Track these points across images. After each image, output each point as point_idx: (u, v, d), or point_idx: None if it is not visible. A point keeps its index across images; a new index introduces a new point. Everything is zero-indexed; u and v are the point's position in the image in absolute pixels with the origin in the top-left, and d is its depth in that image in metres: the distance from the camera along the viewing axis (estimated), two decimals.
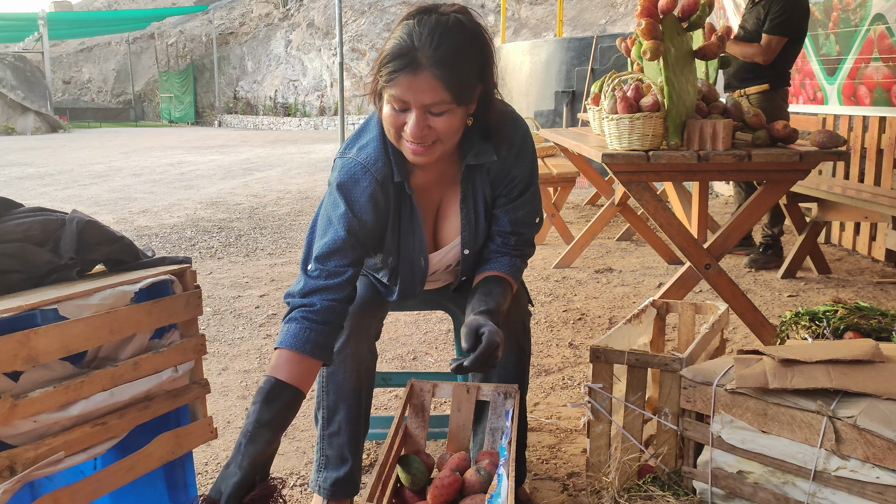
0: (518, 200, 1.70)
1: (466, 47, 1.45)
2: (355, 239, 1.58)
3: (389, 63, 1.43)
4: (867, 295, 3.71)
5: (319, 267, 1.57)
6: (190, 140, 17.47)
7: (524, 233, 1.73)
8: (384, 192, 1.60)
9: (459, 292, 1.89)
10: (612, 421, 1.92)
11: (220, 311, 3.63)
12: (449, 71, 1.41)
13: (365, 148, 1.60)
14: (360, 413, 1.75)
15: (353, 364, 1.71)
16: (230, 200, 7.42)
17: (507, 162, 1.66)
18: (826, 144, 2.66)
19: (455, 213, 1.71)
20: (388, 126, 1.51)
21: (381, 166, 1.58)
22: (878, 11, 4.26)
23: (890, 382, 1.55)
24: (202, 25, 27.51)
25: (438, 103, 1.44)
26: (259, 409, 1.43)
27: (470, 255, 1.74)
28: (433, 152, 1.51)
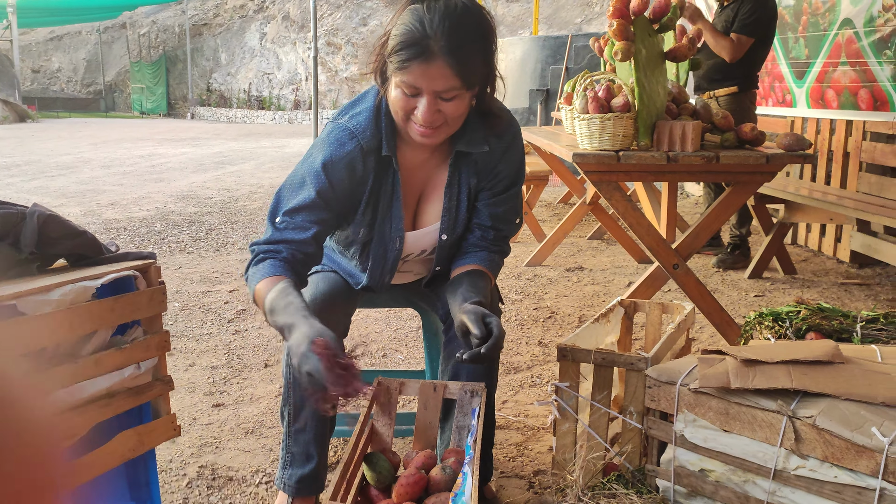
0: (501, 196, 1.73)
1: (474, 34, 1.50)
2: (324, 201, 1.60)
3: (402, 51, 1.46)
4: (832, 295, 3.77)
5: (287, 220, 1.59)
6: (161, 132, 17.25)
7: (503, 229, 1.76)
8: (366, 162, 1.61)
9: (431, 287, 1.88)
10: (578, 419, 1.94)
11: (188, 307, 3.59)
12: (460, 58, 1.45)
13: (357, 116, 1.62)
14: None
15: None
16: (201, 194, 7.34)
17: (496, 156, 1.69)
18: (792, 147, 2.70)
19: (438, 197, 1.72)
20: (396, 108, 1.54)
21: (369, 136, 1.60)
22: (847, 16, 4.33)
23: (849, 383, 1.58)
24: (175, 16, 27.14)
25: (450, 90, 1.48)
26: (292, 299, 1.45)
27: (447, 241, 1.74)
28: (440, 134, 1.55)
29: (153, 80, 27.11)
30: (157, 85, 27.02)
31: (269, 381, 2.71)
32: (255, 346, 3.06)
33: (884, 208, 3.52)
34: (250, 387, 2.66)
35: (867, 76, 4.17)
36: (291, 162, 10.60)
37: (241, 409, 2.48)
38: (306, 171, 1.62)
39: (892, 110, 4.00)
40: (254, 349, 3.03)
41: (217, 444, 2.24)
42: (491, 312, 1.52)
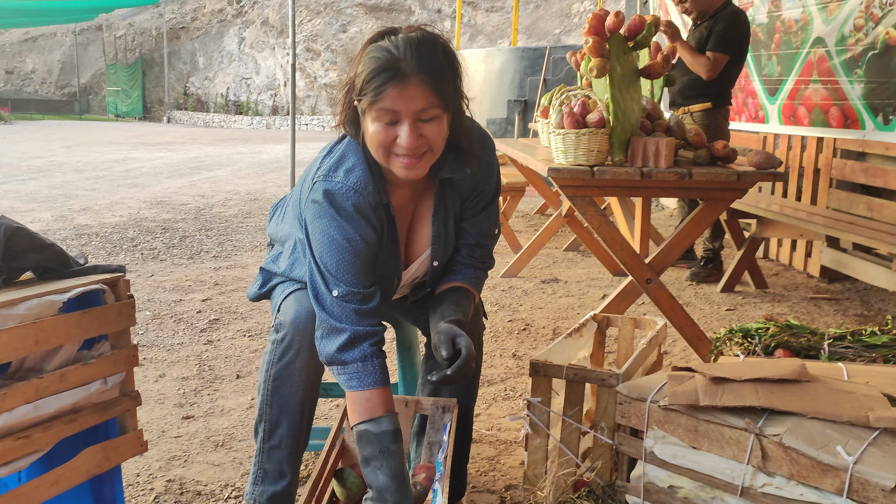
0: (483, 213, 1.75)
1: (441, 55, 1.49)
2: (366, 257, 1.57)
3: (374, 79, 1.44)
4: (801, 310, 3.83)
5: (350, 290, 1.54)
6: (136, 136, 17.09)
7: (487, 244, 1.79)
8: (377, 214, 1.59)
9: (417, 304, 1.88)
10: (549, 434, 1.95)
11: (160, 316, 3.55)
12: (434, 75, 1.45)
13: (352, 171, 1.57)
14: (302, 428, 1.74)
15: (301, 379, 1.69)
16: (176, 200, 7.28)
17: (477, 177, 1.70)
18: (763, 165, 2.74)
19: (425, 225, 1.72)
20: (376, 145, 1.50)
21: (371, 190, 1.57)
22: (819, 35, 4.40)
23: (815, 402, 1.60)
24: (152, 19, 26.92)
25: (429, 108, 1.46)
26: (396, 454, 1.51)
27: (438, 266, 1.75)
28: (424, 164, 1.52)
29: (129, 83, 26.84)
30: (133, 88, 26.75)
31: (240, 392, 2.69)
32: (227, 357, 3.03)
33: (852, 225, 3.58)
34: (221, 399, 2.63)
35: (838, 94, 4.25)
36: (268, 168, 10.55)
37: (212, 421, 2.46)
38: (336, 233, 1.55)
39: (861, 128, 4.08)
40: (226, 360, 3.00)
41: (186, 457, 2.21)
42: (462, 332, 1.53)
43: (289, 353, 1.66)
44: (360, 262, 1.55)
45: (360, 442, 1.52)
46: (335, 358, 1.54)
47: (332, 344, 1.54)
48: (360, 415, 1.53)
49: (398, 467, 1.50)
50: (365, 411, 1.52)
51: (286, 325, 1.66)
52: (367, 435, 1.51)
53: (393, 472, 1.49)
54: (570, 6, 18.24)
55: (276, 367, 1.67)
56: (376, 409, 1.52)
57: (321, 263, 1.56)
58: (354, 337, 1.53)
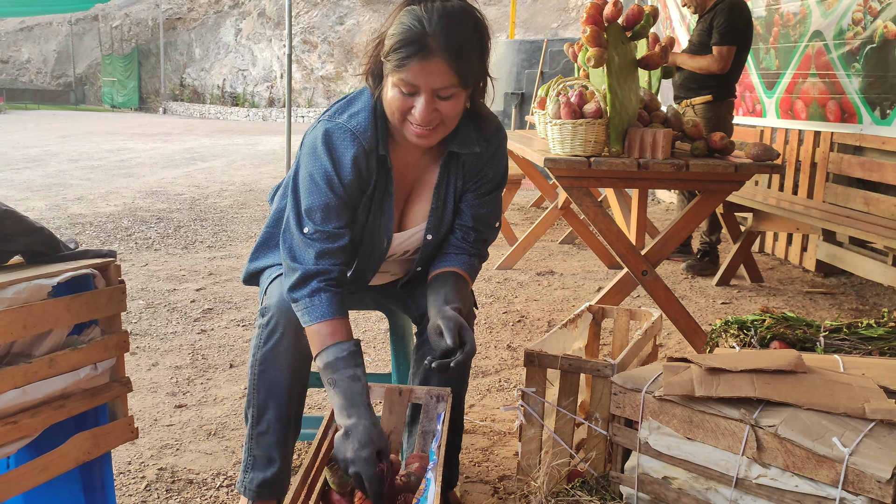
0: (485, 198, 1.75)
1: (471, 33, 1.51)
2: (342, 201, 1.60)
3: (401, 49, 1.46)
4: (797, 304, 3.82)
5: (318, 228, 1.59)
6: (132, 126, 17.01)
7: (484, 231, 1.77)
8: (368, 163, 1.60)
9: (406, 289, 1.87)
10: (543, 425, 1.93)
11: (153, 305, 3.53)
12: (458, 56, 1.47)
13: (356, 116, 1.60)
14: (290, 413, 1.72)
15: (286, 363, 1.68)
16: (171, 190, 7.24)
17: (483, 159, 1.71)
18: (760, 157, 2.73)
19: (426, 197, 1.72)
20: (392, 109, 1.53)
21: (369, 136, 1.59)
22: (817, 28, 4.39)
23: (811, 393, 1.59)
24: (149, 9, 26.77)
25: (447, 87, 1.48)
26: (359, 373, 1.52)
27: (431, 241, 1.74)
28: (436, 135, 1.56)
29: (125, 73, 26.70)
30: (129, 78, 26.61)
31: (233, 381, 2.67)
32: (220, 346, 3.01)
33: (849, 219, 3.58)
34: (214, 387, 2.62)
35: (836, 88, 4.24)
36: (264, 159, 10.52)
37: (205, 410, 2.44)
38: (318, 173, 1.58)
39: (859, 122, 4.07)
40: (219, 349, 2.99)
41: (178, 445, 2.20)
42: (468, 326, 1.53)
43: (274, 336, 1.65)
44: (335, 205, 1.58)
45: (321, 372, 1.55)
46: (289, 297, 1.59)
47: (287, 281, 1.60)
48: (315, 348, 1.56)
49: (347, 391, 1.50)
50: (317, 344, 1.56)
51: (271, 308, 1.65)
52: (322, 367, 1.54)
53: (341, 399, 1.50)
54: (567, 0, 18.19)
55: (261, 350, 1.66)
56: (325, 339, 1.54)
57: (300, 199, 1.61)
58: (306, 275, 1.57)
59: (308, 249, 1.58)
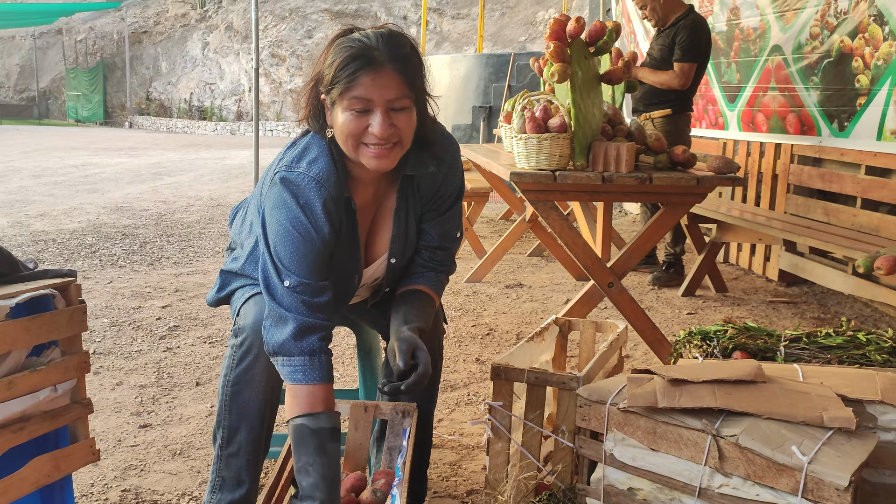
0: (446, 214, 1.75)
1: (410, 50, 1.53)
2: (320, 252, 1.56)
3: (348, 66, 1.46)
4: (760, 313, 3.89)
5: (301, 280, 1.53)
6: (97, 141, 16.79)
7: (449, 247, 1.78)
8: (337, 208, 1.58)
9: (377, 307, 1.87)
10: (511, 438, 1.94)
11: (117, 323, 3.48)
12: (407, 66, 1.48)
13: (315, 163, 1.56)
14: (262, 435, 1.71)
15: (261, 385, 1.66)
16: (136, 206, 7.16)
17: (438, 178, 1.70)
18: (722, 170, 2.78)
19: (387, 225, 1.72)
20: (346, 135, 1.50)
21: (333, 181, 1.56)
22: (776, 43, 4.49)
23: (771, 402, 1.62)
24: (114, 23, 26.50)
25: (401, 98, 1.48)
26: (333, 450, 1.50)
27: (396, 265, 1.74)
28: (394, 155, 1.54)
29: (90, 87, 26.36)
30: (94, 93, 26.28)
31: (199, 400, 2.64)
32: (186, 364, 2.98)
33: (809, 229, 3.65)
34: (180, 406, 2.59)
35: (795, 101, 4.33)
36: (231, 174, 10.44)
37: (170, 429, 2.41)
38: (292, 224, 1.54)
39: (818, 135, 4.16)
40: (185, 367, 2.95)
41: (142, 466, 2.17)
42: (423, 346, 1.52)
43: (248, 357, 1.63)
44: (313, 255, 1.54)
45: (295, 436, 1.50)
46: (282, 348, 1.52)
47: (280, 333, 1.53)
48: (301, 408, 1.51)
49: (331, 467, 1.48)
50: (306, 405, 1.51)
51: (246, 329, 1.64)
52: (303, 430, 1.49)
53: (323, 473, 1.47)
54: (534, 14, 18.39)
55: (234, 371, 1.65)
56: (317, 404, 1.51)
57: (274, 253, 1.55)
58: (303, 327, 1.52)
59: (298, 302, 1.53)
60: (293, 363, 1.52)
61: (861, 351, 2.08)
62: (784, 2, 4.38)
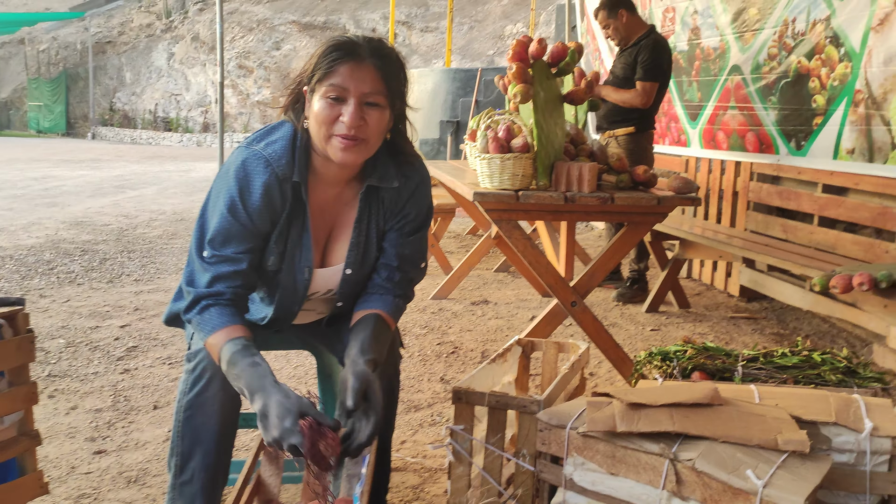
0: (409, 238, 1.75)
1: (395, 58, 1.59)
2: (245, 229, 1.59)
3: (332, 53, 1.52)
4: (721, 329, 3.93)
5: (215, 253, 1.58)
6: (59, 152, 16.49)
7: (409, 271, 1.77)
8: (282, 190, 1.60)
9: (332, 327, 1.85)
10: (472, 462, 1.93)
11: (74, 343, 3.41)
12: (387, 65, 1.54)
13: (273, 144, 1.61)
14: (218, 461, 1.67)
15: (214, 408, 1.63)
16: (97, 220, 7.03)
17: (403, 196, 1.72)
18: (682, 190, 2.82)
19: (347, 236, 1.72)
20: (319, 123, 1.54)
21: (284, 164, 1.59)
22: (735, 63, 4.58)
23: (726, 425, 1.64)
24: (77, 33, 26.13)
25: (376, 94, 1.53)
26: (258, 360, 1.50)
27: (351, 277, 1.73)
28: (361, 151, 1.56)
29: (52, 97, 25.91)
30: (56, 103, 25.84)
31: (157, 424, 2.59)
32: (144, 387, 2.92)
33: (767, 247, 3.71)
34: (136, 431, 2.53)
35: (754, 120, 4.42)
36: (197, 187, 10.32)
37: (125, 455, 2.36)
38: (225, 200, 1.60)
39: (776, 153, 4.24)
40: (143, 389, 2.89)
41: (96, 494, 2.12)
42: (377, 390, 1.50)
43: (201, 381, 1.61)
44: (236, 231, 1.58)
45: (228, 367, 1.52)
46: (185, 320, 1.60)
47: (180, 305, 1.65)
48: (216, 358, 1.54)
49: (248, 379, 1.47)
50: (216, 353, 1.54)
51: (199, 354, 1.61)
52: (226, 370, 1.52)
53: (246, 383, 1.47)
54: (503, 28, 18.54)
55: (187, 396, 1.62)
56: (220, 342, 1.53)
57: (206, 224, 1.61)
58: (196, 297, 1.58)
59: (204, 274, 1.58)
60: (194, 327, 1.59)
61: (816, 371, 2.12)
62: (743, 23, 4.46)
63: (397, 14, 19.03)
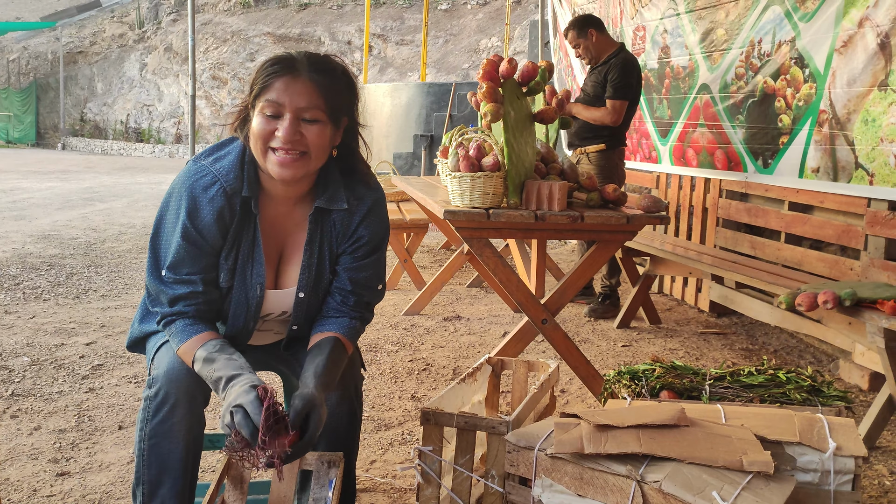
0: (363, 262, 1.73)
1: (340, 73, 1.58)
2: (197, 247, 1.59)
3: (268, 68, 1.52)
4: (692, 344, 3.97)
5: (172, 275, 1.59)
6: (28, 163, 16.25)
7: (364, 295, 1.75)
8: (231, 206, 1.60)
9: (290, 351, 1.84)
10: (441, 484, 1.92)
11: (38, 361, 3.34)
12: (324, 79, 1.53)
13: (222, 159, 1.61)
14: (185, 487, 1.65)
15: (180, 435, 1.61)
16: (65, 234, 6.93)
17: (356, 218, 1.70)
18: (650, 209, 2.84)
19: (299, 259, 1.70)
20: (256, 140, 1.54)
21: (232, 178, 1.59)
22: (704, 82, 4.64)
23: (692, 446, 1.65)
24: (48, 42, 25.81)
25: (312, 108, 1.52)
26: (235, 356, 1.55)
27: (304, 299, 1.71)
28: (300, 166, 1.55)
29: (22, 107, 25.54)
30: (26, 113, 25.47)
31: (122, 445, 2.54)
32: (109, 406, 2.87)
33: (736, 264, 3.76)
34: (101, 452, 2.49)
35: (722, 138, 4.48)
36: None
37: (89, 477, 2.31)
38: (174, 219, 1.59)
39: (744, 171, 4.31)
40: (108, 409, 2.84)
41: None
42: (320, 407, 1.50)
43: (164, 408, 1.58)
44: (187, 251, 1.58)
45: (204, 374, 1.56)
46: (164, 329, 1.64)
47: (144, 328, 1.73)
48: (189, 363, 1.58)
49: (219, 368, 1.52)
50: (189, 360, 1.57)
51: (160, 379, 1.59)
52: (200, 372, 1.56)
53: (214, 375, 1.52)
54: (478, 42, 18.65)
55: (150, 424, 1.59)
56: (193, 350, 1.57)
57: (158, 245, 1.62)
58: (162, 315, 1.62)
59: (164, 294, 1.60)
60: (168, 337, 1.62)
61: (781, 389, 2.14)
62: (711, 43, 4.54)
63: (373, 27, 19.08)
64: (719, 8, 4.43)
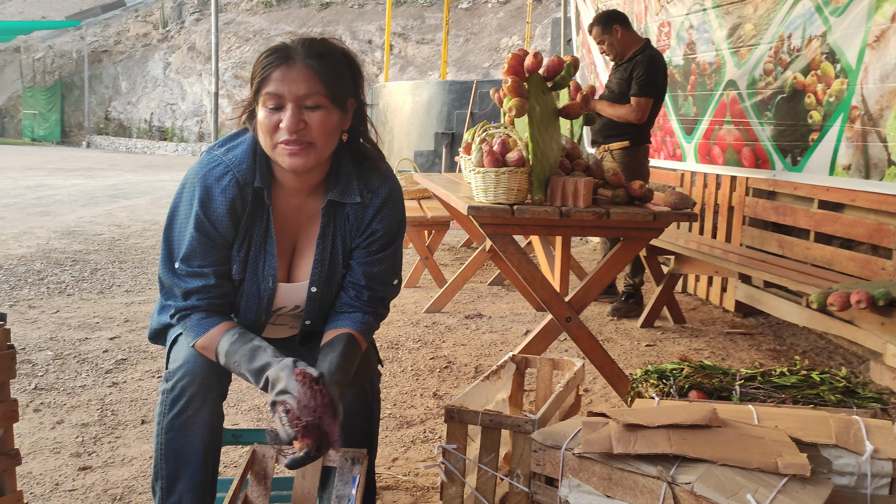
0: (377, 256, 1.69)
1: (339, 56, 1.56)
2: (210, 239, 1.57)
3: (264, 61, 1.50)
4: (717, 345, 3.90)
5: (185, 268, 1.58)
6: (53, 161, 16.43)
7: (378, 290, 1.71)
8: (243, 196, 1.58)
9: (306, 345, 1.81)
10: (465, 482, 1.89)
11: (62, 356, 3.35)
12: (322, 64, 1.50)
13: (234, 149, 1.59)
14: (205, 481, 1.64)
15: (199, 428, 1.59)
16: (90, 230, 6.98)
17: (369, 211, 1.66)
18: (678, 205, 2.79)
19: (312, 252, 1.68)
20: (263, 134, 1.53)
21: (244, 168, 1.57)
22: (731, 78, 4.57)
23: (725, 448, 1.60)
24: (73, 41, 26.10)
25: (313, 95, 1.49)
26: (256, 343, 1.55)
27: (317, 294, 1.68)
28: (308, 155, 1.52)
29: (47, 106, 25.86)
30: (52, 111, 25.78)
31: (144, 439, 2.54)
32: (132, 400, 2.87)
33: (764, 263, 3.69)
34: (123, 446, 2.49)
35: (749, 135, 4.40)
36: None
37: (111, 472, 2.31)
38: (187, 210, 1.58)
39: (772, 168, 4.23)
40: (131, 403, 2.84)
41: None
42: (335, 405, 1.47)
43: (180, 401, 1.57)
44: (200, 243, 1.57)
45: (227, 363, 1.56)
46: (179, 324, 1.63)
47: (162, 319, 1.73)
48: (212, 356, 1.58)
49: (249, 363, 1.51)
50: (210, 352, 1.57)
51: (177, 373, 1.57)
52: (224, 363, 1.56)
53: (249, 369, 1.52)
54: (498, 41, 18.58)
55: (167, 418, 1.58)
56: (213, 341, 1.57)
57: (171, 237, 1.61)
58: (177, 309, 1.61)
59: (178, 287, 1.59)
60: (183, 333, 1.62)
61: (815, 391, 2.09)
62: (739, 38, 4.46)
63: (393, 26, 19.08)
64: (747, 3, 4.36)
